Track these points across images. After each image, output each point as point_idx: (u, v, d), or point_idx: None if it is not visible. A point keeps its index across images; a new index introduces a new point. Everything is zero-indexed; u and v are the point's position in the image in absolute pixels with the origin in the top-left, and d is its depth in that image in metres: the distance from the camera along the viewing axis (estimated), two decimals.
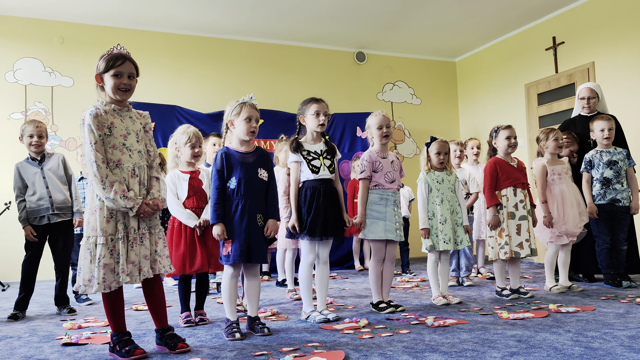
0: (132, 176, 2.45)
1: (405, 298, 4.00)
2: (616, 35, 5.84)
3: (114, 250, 2.38)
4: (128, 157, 2.45)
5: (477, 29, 7.14)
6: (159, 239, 2.53)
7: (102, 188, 2.34)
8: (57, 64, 6.35)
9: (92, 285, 2.35)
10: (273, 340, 2.70)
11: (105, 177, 2.35)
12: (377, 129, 3.48)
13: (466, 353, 2.30)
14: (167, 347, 2.52)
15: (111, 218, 2.39)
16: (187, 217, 3.19)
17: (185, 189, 3.25)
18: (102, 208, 2.39)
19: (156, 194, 2.51)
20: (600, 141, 4.37)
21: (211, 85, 6.99)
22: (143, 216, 2.45)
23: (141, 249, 2.44)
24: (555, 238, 4.09)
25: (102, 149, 2.39)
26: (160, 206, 2.50)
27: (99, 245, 2.36)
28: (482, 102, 7.86)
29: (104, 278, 2.34)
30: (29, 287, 3.78)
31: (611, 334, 2.56)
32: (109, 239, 2.38)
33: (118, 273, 2.37)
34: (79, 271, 2.40)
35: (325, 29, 7.02)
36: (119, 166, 2.42)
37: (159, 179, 2.59)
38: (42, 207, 3.79)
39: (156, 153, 2.62)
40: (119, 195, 2.35)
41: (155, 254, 2.50)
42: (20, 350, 2.69)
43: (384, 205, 3.42)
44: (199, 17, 6.47)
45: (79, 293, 2.37)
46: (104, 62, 2.44)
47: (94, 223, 2.39)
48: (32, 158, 3.88)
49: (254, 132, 2.88)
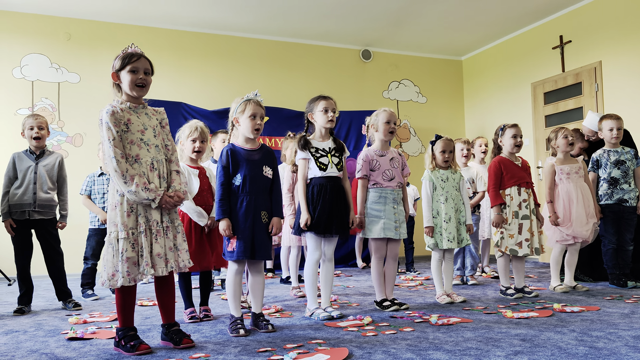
0: (151, 170, 2.48)
1: (410, 296, 4.00)
2: (624, 34, 5.80)
3: (136, 243, 2.41)
4: (146, 152, 2.48)
5: (483, 27, 7.11)
6: (177, 233, 2.55)
7: (123, 182, 2.38)
8: (64, 60, 6.37)
9: (116, 279, 2.38)
10: (277, 336, 2.71)
11: (126, 171, 2.39)
12: (385, 123, 3.47)
13: (470, 351, 2.30)
14: (172, 342, 2.53)
15: (131, 212, 2.42)
16: (199, 215, 3.20)
17: (197, 184, 3.26)
18: (122, 203, 2.42)
19: (177, 187, 2.55)
20: (608, 140, 4.34)
21: (216, 82, 7.00)
22: (165, 208, 2.47)
23: (166, 241, 2.47)
24: (560, 237, 4.07)
25: (121, 145, 2.43)
26: (182, 197, 2.53)
27: (121, 240, 2.39)
28: (488, 101, 7.83)
29: (128, 271, 2.38)
30: (26, 282, 3.78)
31: (616, 334, 2.55)
32: (131, 233, 2.40)
33: (142, 266, 2.39)
34: (104, 267, 2.42)
35: (331, 27, 7.01)
36: (137, 161, 2.45)
37: (179, 172, 2.62)
38: (25, 202, 3.76)
39: (174, 147, 2.66)
40: (140, 187, 2.38)
41: (175, 248, 2.52)
42: (26, 344, 2.71)
43: (382, 204, 3.41)
44: (205, 14, 6.48)
45: (109, 288, 2.41)
46: (119, 60, 2.50)
47: (114, 218, 2.42)
48: (31, 151, 3.88)
49: (258, 130, 2.89)
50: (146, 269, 2.38)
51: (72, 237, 5.18)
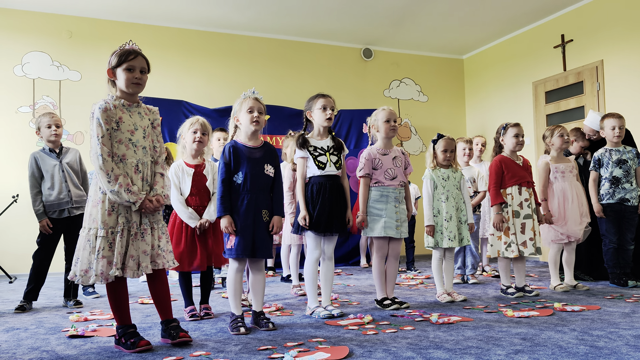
0: (135, 172, 2.47)
1: (410, 295, 4.00)
2: (625, 33, 5.79)
3: (113, 243, 2.40)
4: (133, 153, 2.47)
5: (485, 26, 7.10)
6: (162, 234, 2.55)
7: (107, 181, 2.37)
8: (65, 58, 6.37)
9: (89, 277, 2.37)
10: (277, 335, 2.71)
11: (111, 171, 2.38)
12: (385, 122, 3.47)
13: (470, 350, 2.30)
14: (169, 337, 2.54)
15: (112, 211, 2.42)
16: (189, 217, 3.19)
17: (189, 184, 3.25)
18: (104, 201, 2.41)
19: (159, 190, 2.53)
20: (610, 139, 4.34)
21: (217, 81, 7.00)
22: (145, 211, 2.46)
23: (141, 244, 2.46)
24: (554, 236, 4.07)
25: (109, 142, 2.42)
26: (162, 202, 2.52)
27: (99, 238, 2.38)
28: (490, 100, 7.83)
29: (102, 270, 2.37)
30: (40, 279, 3.79)
31: (616, 333, 2.55)
32: (110, 232, 2.40)
33: (112, 267, 2.38)
34: (76, 261, 2.42)
35: (332, 25, 7.01)
36: (123, 161, 2.45)
37: (164, 175, 2.61)
38: (63, 200, 3.81)
39: (162, 149, 2.64)
40: (123, 188, 2.37)
41: (159, 249, 2.51)
42: (27, 341, 2.71)
43: (384, 203, 3.41)
44: (206, 12, 6.48)
45: (75, 283, 2.39)
46: (116, 57, 2.49)
47: (95, 215, 2.42)
48: (51, 150, 3.89)
49: (257, 122, 2.87)
50: (113, 269, 2.36)
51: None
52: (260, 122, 2.89)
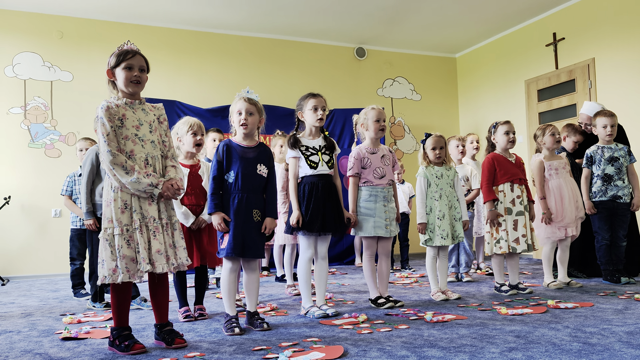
0: (145, 166, 2.46)
1: (404, 293, 4.01)
2: (617, 31, 5.82)
3: (131, 240, 2.39)
4: (140, 148, 2.46)
5: (477, 24, 7.12)
6: (174, 230, 2.54)
7: (124, 172, 2.36)
8: (56, 59, 6.33)
9: (117, 275, 2.36)
10: (272, 335, 2.71)
11: (125, 162, 2.38)
12: (375, 122, 3.47)
13: (465, 348, 2.31)
14: (164, 342, 2.53)
15: (126, 209, 2.41)
16: (184, 215, 3.19)
17: (185, 184, 3.25)
18: (116, 199, 2.40)
19: (173, 175, 2.52)
20: (602, 137, 4.36)
21: (210, 80, 6.98)
22: (165, 197, 2.45)
23: (165, 237, 2.46)
24: (550, 233, 4.09)
25: (115, 139, 2.42)
26: (181, 186, 2.51)
27: (116, 236, 2.38)
28: (482, 98, 7.85)
29: (127, 267, 2.36)
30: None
31: (609, 330, 2.56)
32: (125, 229, 2.39)
33: (140, 262, 2.37)
34: (102, 264, 2.40)
35: (325, 24, 7.00)
36: (131, 157, 2.44)
37: (175, 167, 2.59)
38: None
39: (171, 143, 2.64)
40: (142, 174, 2.37)
41: (173, 246, 2.51)
42: (20, 344, 2.69)
43: (373, 202, 3.41)
44: (198, 11, 6.45)
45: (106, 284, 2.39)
46: (114, 57, 2.49)
47: (109, 215, 2.41)
48: None
49: (244, 125, 2.87)
50: (144, 266, 2.36)
51: (61, 238, 5.15)
52: (249, 123, 2.88)
